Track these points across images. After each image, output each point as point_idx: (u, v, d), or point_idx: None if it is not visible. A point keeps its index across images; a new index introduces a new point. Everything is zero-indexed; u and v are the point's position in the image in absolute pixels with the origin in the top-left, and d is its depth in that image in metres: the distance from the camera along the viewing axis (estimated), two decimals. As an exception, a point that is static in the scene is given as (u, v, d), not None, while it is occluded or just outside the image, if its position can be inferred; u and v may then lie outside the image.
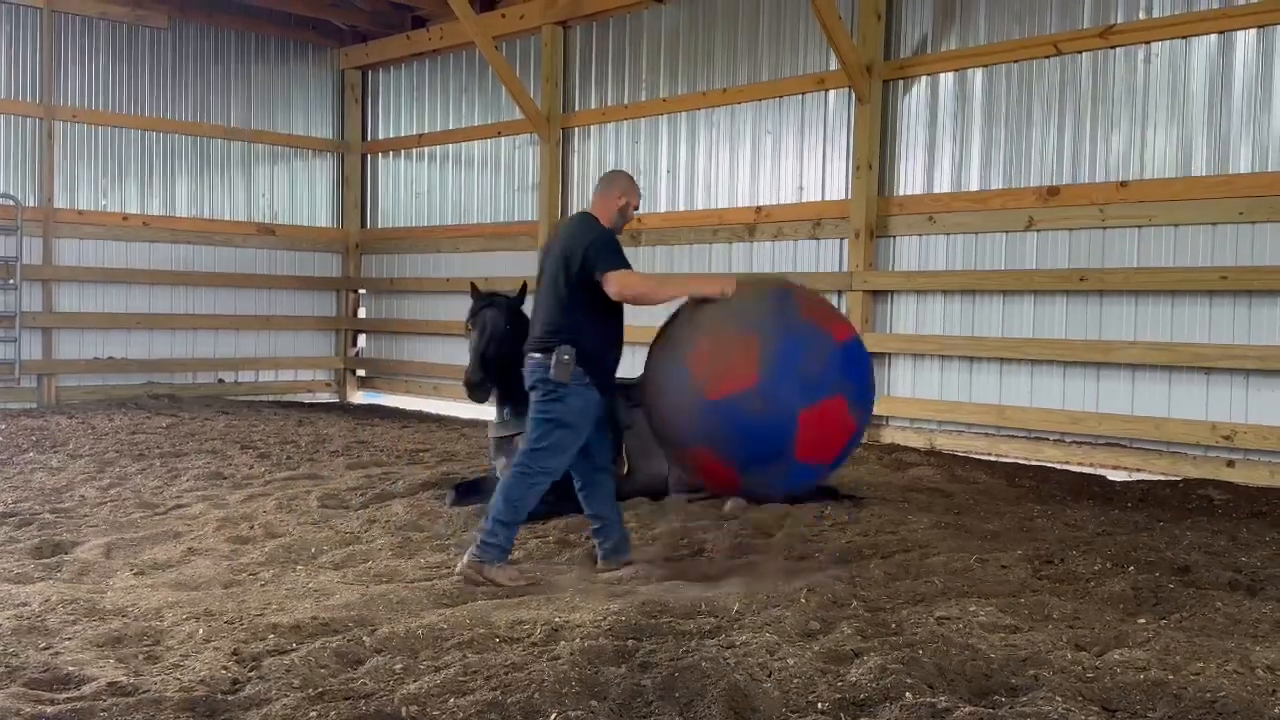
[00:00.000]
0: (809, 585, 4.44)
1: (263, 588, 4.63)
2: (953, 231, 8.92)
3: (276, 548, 5.30)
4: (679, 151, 10.94)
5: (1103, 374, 8.16)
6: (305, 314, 14.09)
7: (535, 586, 4.69)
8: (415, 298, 13.79)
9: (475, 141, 13.03)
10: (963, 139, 8.92)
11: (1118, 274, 7.98)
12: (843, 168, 9.63)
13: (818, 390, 4.52)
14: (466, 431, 10.39)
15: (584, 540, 5.54)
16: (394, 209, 14.21)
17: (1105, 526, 6.07)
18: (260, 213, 13.77)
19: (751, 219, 10.24)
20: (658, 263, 11.06)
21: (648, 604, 4.20)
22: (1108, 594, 4.48)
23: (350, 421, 11.22)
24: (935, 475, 7.77)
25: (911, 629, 3.96)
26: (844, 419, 4.62)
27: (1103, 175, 8.16)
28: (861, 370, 4.82)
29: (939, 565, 4.99)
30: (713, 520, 6.10)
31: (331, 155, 14.38)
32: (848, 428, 4.67)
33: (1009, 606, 4.25)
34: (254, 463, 8.15)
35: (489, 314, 6.42)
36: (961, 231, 8.87)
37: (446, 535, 5.73)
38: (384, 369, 14.20)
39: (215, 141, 13.35)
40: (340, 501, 6.62)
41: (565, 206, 11.96)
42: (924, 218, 9.07)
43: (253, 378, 13.67)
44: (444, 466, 8.02)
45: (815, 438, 4.54)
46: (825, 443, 4.62)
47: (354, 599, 4.32)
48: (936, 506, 6.60)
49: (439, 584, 4.61)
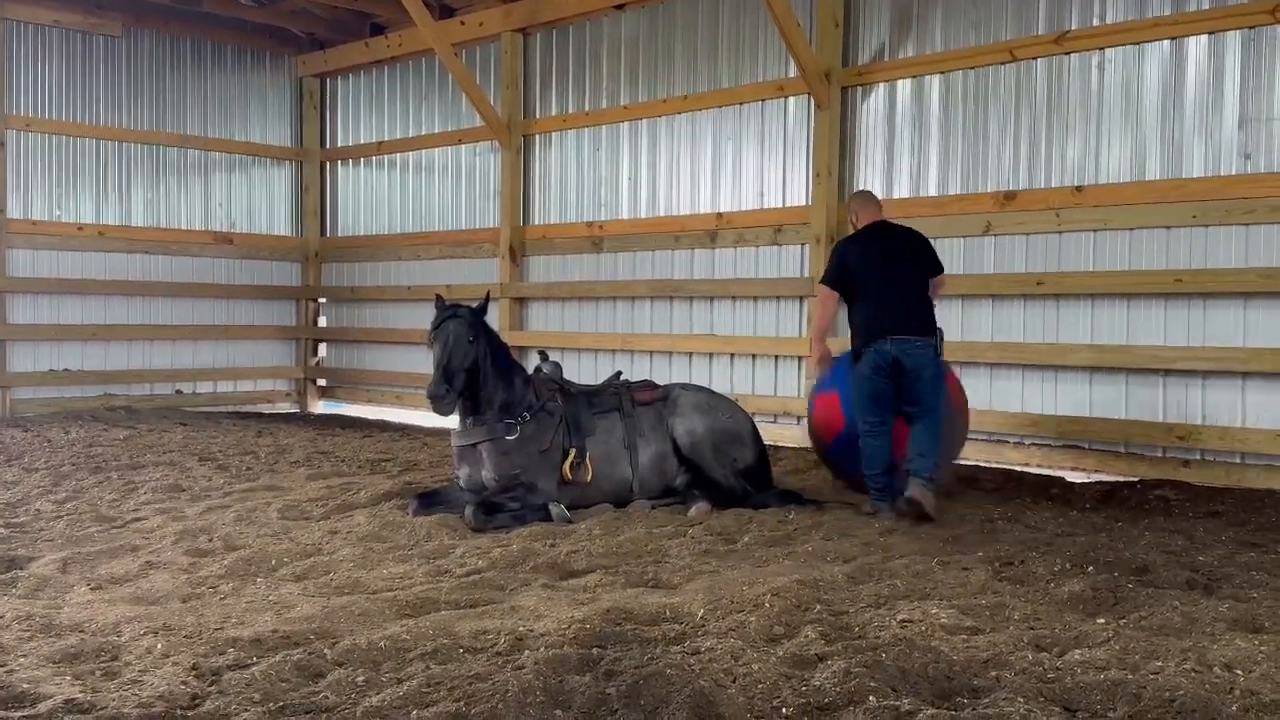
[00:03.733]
0: (772, 590, 4.46)
1: (222, 601, 4.58)
2: (912, 237, 8.99)
3: (236, 560, 5.25)
4: (640, 158, 10.96)
5: (1061, 377, 8.26)
6: (264, 323, 13.96)
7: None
8: (376, 306, 13.72)
9: (435, 149, 12.99)
10: (921, 145, 9.00)
11: (1074, 278, 8.08)
12: (803, 174, 9.69)
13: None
14: (429, 441, 10.34)
15: (548, 548, 5.53)
16: (354, 217, 14.13)
17: (1065, 528, 6.14)
18: (218, 222, 13.64)
19: (713, 225, 10.28)
20: (620, 269, 11.08)
21: (612, 611, 4.20)
22: (1067, 594, 4.53)
23: (311, 432, 11.13)
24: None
25: (874, 632, 3.99)
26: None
27: (1059, 180, 8.26)
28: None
29: (901, 568, 5.03)
30: (677, 526, 6.10)
31: (290, 163, 14.27)
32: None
33: (970, 608, 4.28)
34: (213, 474, 8.07)
35: (452, 325, 6.40)
36: (921, 236, 8.94)
37: (409, 546, 5.70)
38: (345, 378, 14.11)
39: (172, 150, 13.22)
40: (301, 513, 6.57)
41: (526, 213, 11.96)
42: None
43: (211, 388, 13.53)
44: (406, 476, 7.97)
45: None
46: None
47: (315, 611, 4.28)
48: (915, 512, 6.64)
49: (402, 595, 4.58)
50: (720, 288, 10.21)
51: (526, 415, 6.53)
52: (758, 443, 7.10)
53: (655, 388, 7.13)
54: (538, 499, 6.43)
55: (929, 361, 6.49)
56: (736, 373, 10.17)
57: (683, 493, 6.84)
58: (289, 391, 14.28)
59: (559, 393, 6.76)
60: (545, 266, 11.83)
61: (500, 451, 6.46)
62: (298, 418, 13.06)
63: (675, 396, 7.03)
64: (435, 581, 4.90)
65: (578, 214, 11.55)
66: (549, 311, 11.79)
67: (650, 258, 10.84)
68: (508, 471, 6.45)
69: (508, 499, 6.38)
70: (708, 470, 6.81)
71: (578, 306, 11.50)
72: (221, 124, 13.59)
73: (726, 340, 10.20)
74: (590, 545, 5.61)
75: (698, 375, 10.24)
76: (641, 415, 6.87)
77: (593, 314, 11.37)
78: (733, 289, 10.12)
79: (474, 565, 5.20)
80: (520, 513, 6.30)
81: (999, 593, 4.60)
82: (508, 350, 6.94)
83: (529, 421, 6.53)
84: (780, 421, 9.81)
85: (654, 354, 10.78)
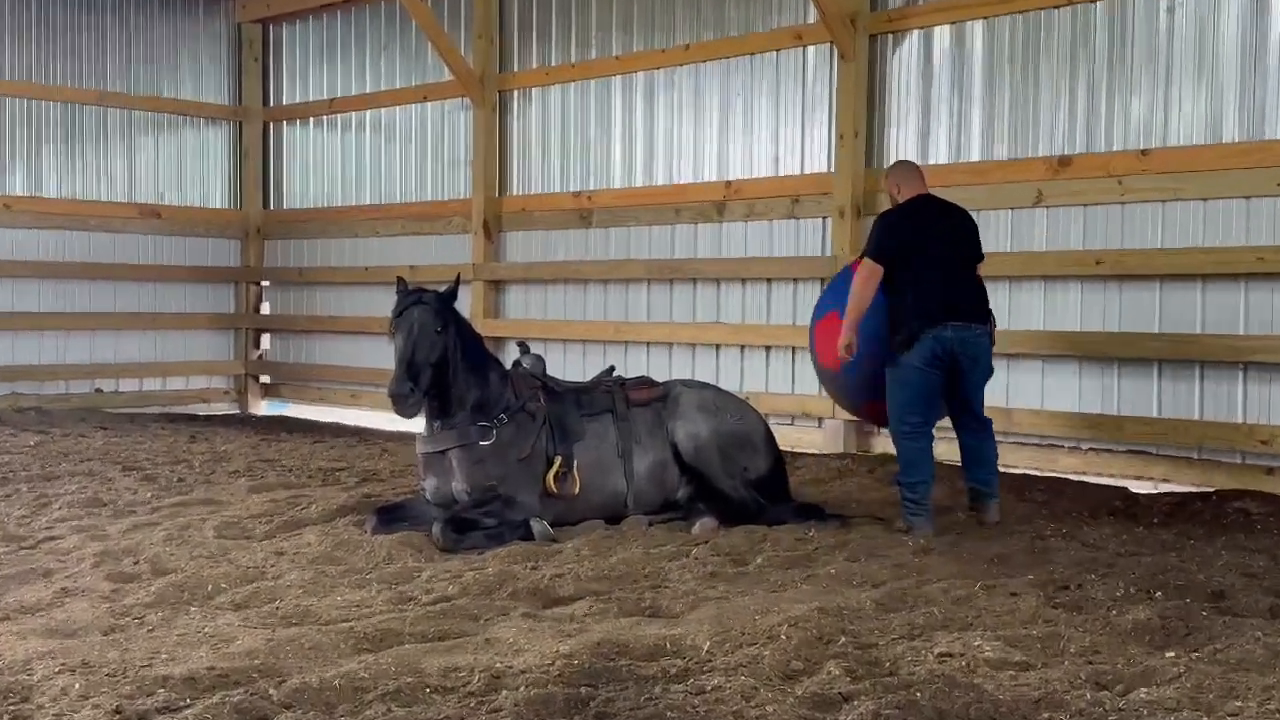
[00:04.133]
0: (790, 619, 4.46)
1: (150, 634, 4.58)
2: (951, 209, 8.98)
3: (166, 586, 5.24)
4: (635, 118, 10.95)
5: (1124, 371, 8.26)
6: (198, 310, 13.95)
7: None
8: (329, 290, 13.71)
9: (397, 107, 12.97)
10: (961, 102, 9.00)
11: (1139, 256, 8.09)
12: (825, 136, 9.68)
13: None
14: (390, 447, 10.33)
15: (529, 572, 5.53)
16: (302, 187, 14.11)
17: (1128, 546, 6.15)
18: (144, 192, 13.61)
19: (720, 196, 10.27)
20: (612, 247, 11.07)
21: (603, 644, 4.20)
22: (1131, 624, 4.54)
23: (253, 436, 11.12)
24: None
25: (908, 668, 3.99)
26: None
27: (1121, 143, 8.26)
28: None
29: (938, 594, 5.03)
30: (678, 546, 6.10)
31: (227, 124, 14.24)
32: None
33: (1019, 640, 4.29)
34: (139, 486, 8.05)
35: (417, 313, 6.39)
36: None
37: (367, 569, 5.69)
38: (292, 374, 14.10)
39: (88, 109, 13.18)
40: (241, 531, 6.56)
41: (503, 182, 11.94)
42: (918, 193, 9.12)
43: (136, 386, 13.52)
44: (364, 488, 7.97)
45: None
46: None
47: (258, 645, 4.28)
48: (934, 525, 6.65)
49: (359, 626, 4.57)
50: (729, 268, 10.21)
51: (503, 417, 6.52)
52: (772, 448, 7.09)
53: (653, 385, 7.12)
54: (517, 514, 6.43)
55: (985, 351, 6.63)
56: (748, 367, 10.18)
57: (685, 507, 6.84)
58: (227, 390, 14.27)
59: (541, 391, 6.75)
60: (525, 244, 11.82)
61: (473, 459, 6.46)
62: (237, 420, 13.03)
63: (676, 395, 7.02)
64: (398, 610, 4.89)
65: (563, 183, 11.54)
66: (530, 296, 11.78)
67: (647, 234, 10.83)
68: (482, 482, 6.44)
69: (482, 514, 6.37)
70: (714, 480, 6.81)
71: (563, 290, 11.49)
72: (147, 78, 13.56)
73: (736, 329, 10.20)
74: (578, 568, 5.60)
75: (702, 370, 10.24)
76: (637, 417, 6.86)
77: (580, 299, 11.36)
78: (743, 270, 10.12)
79: (443, 591, 5.19)
80: (496, 530, 6.29)
81: (1052, 622, 4.60)
82: (481, 342, 6.92)
83: (506, 424, 6.52)
84: (799, 424, 9.82)
85: (652, 346, 10.78)
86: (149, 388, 13.64)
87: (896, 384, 6.63)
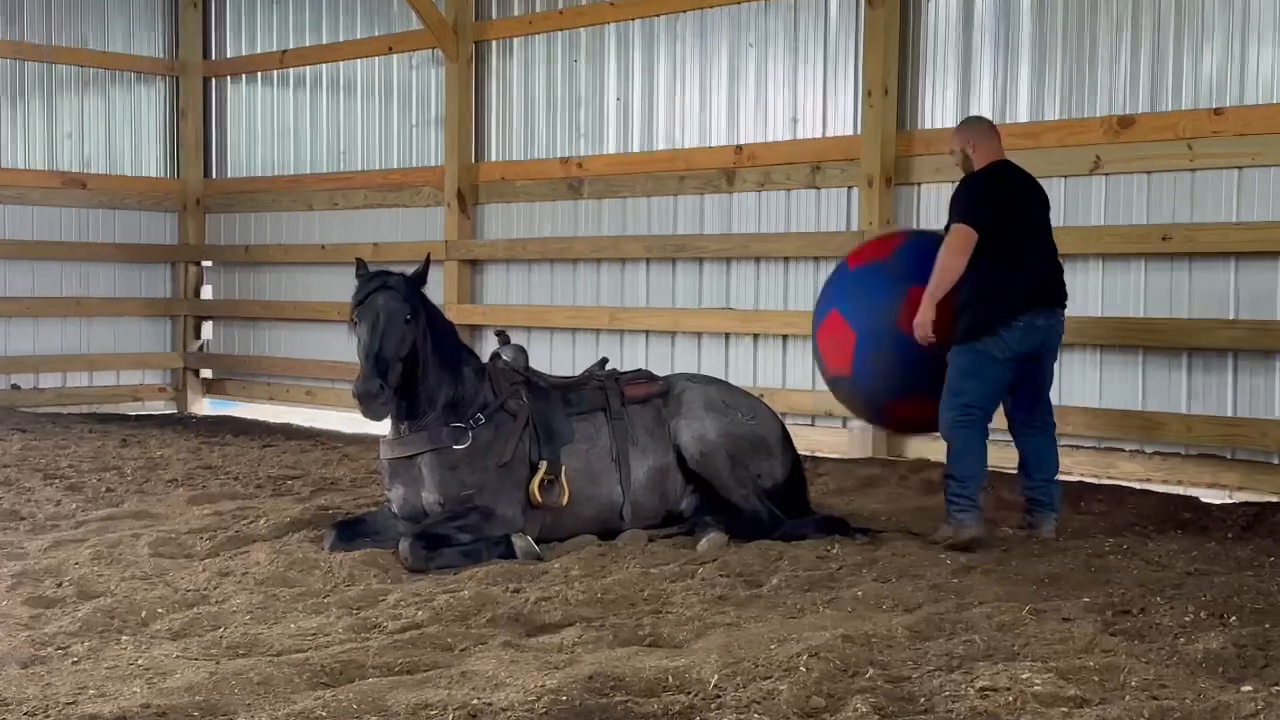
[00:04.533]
0: (810, 649, 4.47)
1: (75, 666, 4.59)
2: (996, 177, 8.99)
3: (94, 612, 5.25)
4: (632, 73, 10.94)
5: (1194, 363, 8.27)
6: (130, 295, 13.95)
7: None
8: (280, 271, 13.71)
9: (359, 61, 12.96)
10: (1008, 54, 8.99)
11: (1212, 230, 8.09)
12: (850, 94, 9.68)
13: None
14: (351, 451, 10.34)
15: (510, 595, 5.54)
16: (249, 152, 14.10)
17: (1199, 564, 6.15)
18: (65, 159, 13.60)
19: (729, 163, 10.27)
20: (606, 222, 11.07)
21: (596, 678, 4.21)
22: (1202, 653, 4.55)
23: (193, 440, 11.12)
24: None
25: (946, 704, 4.00)
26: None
27: (1191, 100, 8.26)
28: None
29: (980, 619, 5.04)
30: (682, 565, 6.11)
31: (162, 80, 14.23)
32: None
33: (1073, 672, 4.30)
34: (62, 497, 8.06)
35: (382, 299, 6.39)
36: (1007, 177, 8.94)
37: (325, 592, 5.70)
38: (238, 368, 14.10)
39: (2, 64, 13.15)
40: (180, 548, 6.57)
41: (480, 147, 11.93)
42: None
43: (59, 382, 13.52)
44: (321, 499, 7.98)
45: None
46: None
47: (200, 679, 4.29)
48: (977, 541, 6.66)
49: (315, 657, 4.58)
50: (740, 246, 10.21)
51: (480, 417, 6.53)
52: (789, 453, 7.11)
53: (653, 380, 7.13)
54: (496, 529, 6.44)
55: (1059, 343, 6.89)
56: (762, 359, 10.19)
57: (690, 519, 6.86)
58: (163, 386, 14.27)
59: (524, 387, 6.76)
60: (506, 218, 11.82)
61: (446, 466, 6.46)
62: (175, 421, 13.03)
63: (680, 392, 7.03)
64: (360, 639, 4.89)
65: (549, 148, 11.53)
66: (511, 278, 11.78)
67: (646, 206, 10.83)
68: (456, 492, 6.45)
69: (456, 529, 6.38)
70: (723, 489, 6.82)
71: (549, 271, 11.49)
72: (69, 27, 13.55)
73: (748, 316, 10.21)
74: (567, 590, 5.60)
75: (710, 363, 10.24)
76: (635, 417, 6.87)
77: (569, 281, 11.36)
78: (756, 247, 10.12)
79: (412, 617, 5.20)
80: (473, 547, 6.30)
81: (1111, 651, 4.61)
82: (454, 332, 6.93)
83: (484, 426, 6.53)
84: (820, 424, 9.83)
85: (651, 334, 10.79)
86: (73, 384, 13.63)
87: (967, 374, 6.67)
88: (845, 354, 7.00)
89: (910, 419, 7.37)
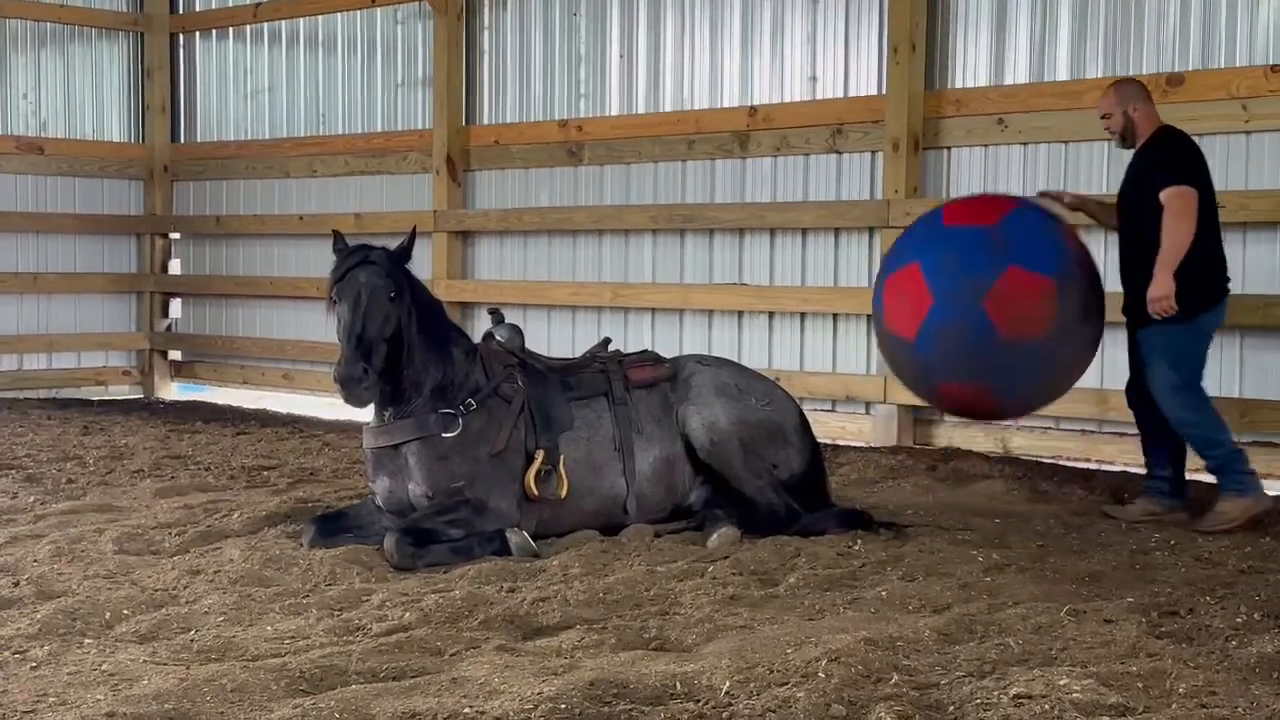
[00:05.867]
0: (829, 653, 4.48)
1: (35, 672, 4.60)
2: (1033, 140, 8.98)
3: (54, 613, 5.26)
4: (637, 27, 10.92)
5: (1247, 342, 8.26)
6: (91, 270, 13.96)
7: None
8: (254, 243, 13.72)
9: (339, 14, 12.94)
10: (1047, 7, 8.97)
11: (1268, 198, 8.07)
12: (874, 50, 9.67)
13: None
14: (331, 439, 10.36)
15: (505, 595, 5.55)
16: (220, 114, 14.09)
17: (1252, 561, 6.16)
18: (20, 122, 13.60)
19: (743, 125, 10.25)
20: (608, 189, 11.05)
21: (598, 684, 4.22)
22: (1255, 658, 4.55)
23: (161, 427, 11.14)
24: (1010, 492, 7.84)
25: (977, 712, 4.01)
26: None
27: (1245, 57, 8.24)
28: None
29: (1015, 620, 5.05)
30: (691, 563, 6.12)
31: (125, 35, 14.22)
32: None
33: (1115, 678, 4.31)
34: (18, 489, 8.08)
35: (364, 276, 6.39)
36: (1045, 140, 8.93)
37: (304, 592, 5.71)
38: (209, 349, 14.11)
39: (-48, 17, 13.19)
40: (147, 544, 6.58)
41: (472, 108, 11.91)
42: (991, 120, 9.12)
43: (14, 365, 13.54)
44: (299, 491, 7.99)
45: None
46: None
47: (169, 686, 4.30)
48: (1011, 537, 6.67)
49: (294, 662, 4.60)
50: (754, 215, 10.20)
51: (472, 403, 6.53)
52: (807, 441, 7.11)
53: (660, 362, 7.13)
54: (489, 523, 6.45)
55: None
56: (778, 340, 10.19)
57: (699, 513, 6.87)
58: (128, 369, 14.29)
59: (519, 370, 6.76)
60: (499, 186, 11.82)
61: (434, 455, 6.47)
62: (141, 407, 13.05)
63: (689, 375, 7.03)
64: (342, 643, 4.90)
65: (546, 109, 11.52)
66: (505, 251, 11.78)
67: (652, 172, 10.82)
68: (445, 484, 6.46)
69: (446, 524, 6.40)
70: (735, 481, 6.83)
71: (546, 244, 11.48)
72: (25, -21, 13.55)
73: (762, 293, 10.20)
74: (566, 590, 5.61)
75: (721, 344, 10.25)
76: (640, 402, 6.87)
77: (569, 254, 11.35)
78: (772, 217, 10.11)
79: (398, 619, 5.21)
80: (464, 544, 6.31)
81: (1157, 655, 4.62)
82: (442, 310, 6.93)
83: (475, 412, 6.53)
84: (841, 410, 9.83)
85: (657, 312, 10.79)
86: (30, 366, 13.66)
87: (1189, 350, 6.97)
88: (915, 316, 6.78)
89: (959, 404, 7.34)
